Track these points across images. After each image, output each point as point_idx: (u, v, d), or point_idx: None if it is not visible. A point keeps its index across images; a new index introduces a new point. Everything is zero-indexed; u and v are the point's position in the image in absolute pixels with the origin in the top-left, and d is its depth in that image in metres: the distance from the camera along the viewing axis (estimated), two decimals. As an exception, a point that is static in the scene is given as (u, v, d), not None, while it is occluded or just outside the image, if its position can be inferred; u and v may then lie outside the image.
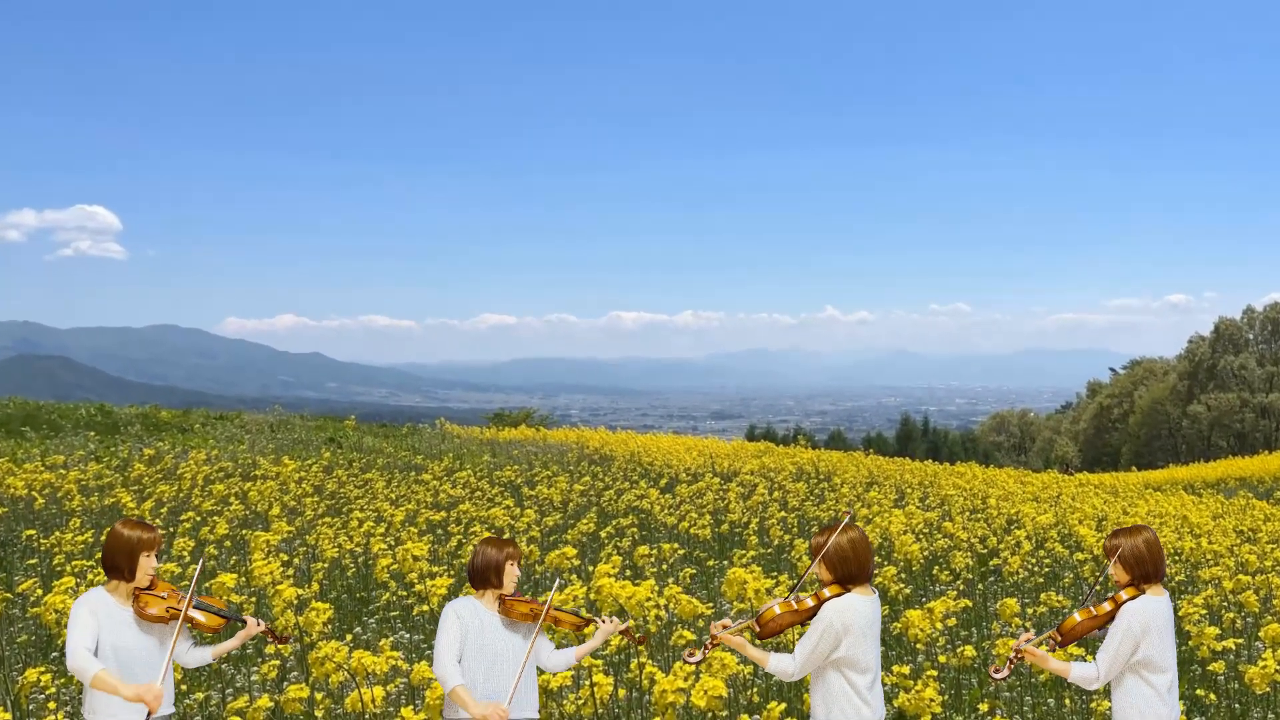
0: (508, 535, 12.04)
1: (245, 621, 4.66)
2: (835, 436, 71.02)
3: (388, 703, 5.76)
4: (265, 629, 4.69)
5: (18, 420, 25.46)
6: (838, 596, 4.24)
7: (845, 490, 19.23)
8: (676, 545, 10.50)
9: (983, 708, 7.33)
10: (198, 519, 12.42)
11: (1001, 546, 13.21)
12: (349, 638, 8.47)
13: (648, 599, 5.77)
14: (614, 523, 13.74)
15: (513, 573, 4.54)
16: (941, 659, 7.75)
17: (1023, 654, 4.45)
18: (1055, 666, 4.42)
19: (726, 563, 11.48)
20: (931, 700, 5.63)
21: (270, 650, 7.84)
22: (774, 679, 6.82)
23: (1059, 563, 13.14)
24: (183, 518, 12.20)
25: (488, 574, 4.50)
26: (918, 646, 7.75)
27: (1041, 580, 12.17)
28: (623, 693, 6.36)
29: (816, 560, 4.32)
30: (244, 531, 12.04)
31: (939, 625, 6.96)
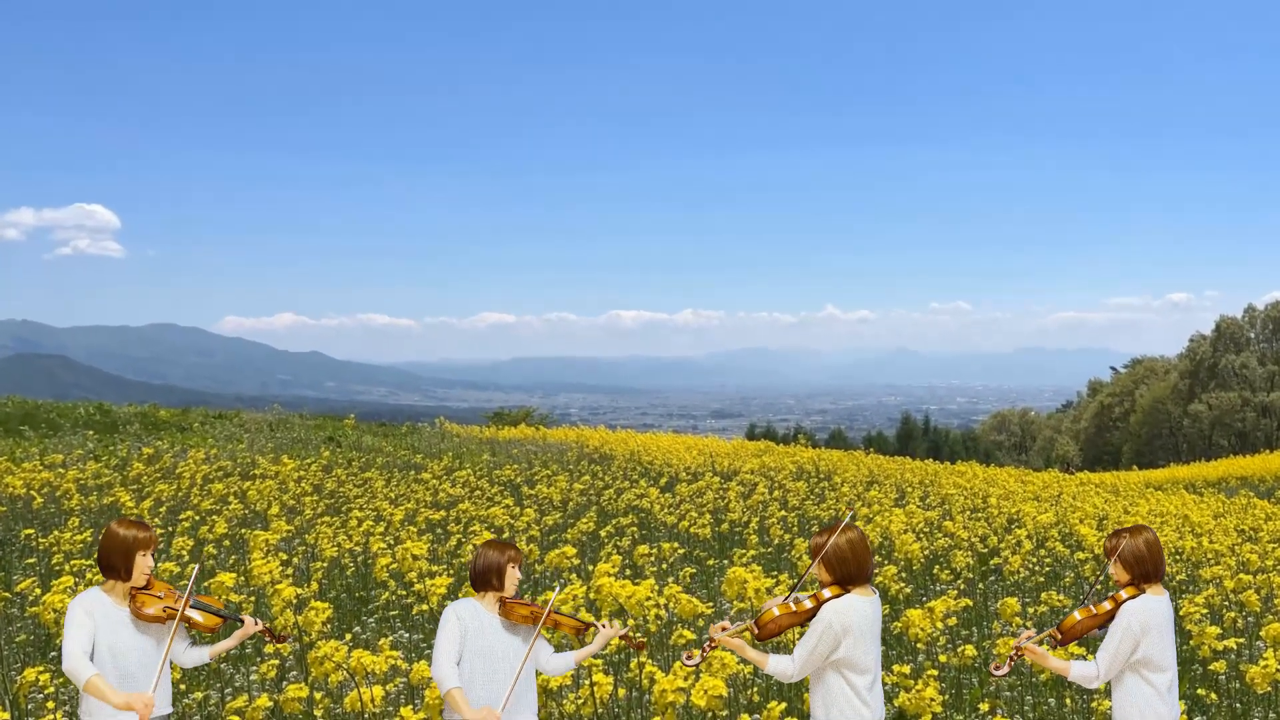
0: (507, 535, 12.03)
1: (243, 621, 4.64)
2: (836, 435, 71.02)
3: (387, 702, 5.75)
4: (263, 628, 4.67)
5: (16, 419, 25.43)
6: (837, 598, 4.21)
7: (846, 489, 19.21)
8: (676, 544, 10.49)
9: (983, 707, 7.32)
10: (196, 518, 12.40)
11: (1002, 546, 13.19)
12: (348, 637, 8.44)
13: (648, 598, 5.76)
14: (614, 522, 13.73)
15: (514, 575, 4.53)
16: (942, 658, 7.73)
17: (1023, 652, 4.44)
18: (1055, 665, 4.42)
19: (726, 562, 11.47)
20: (932, 700, 5.62)
21: (269, 650, 7.82)
22: (774, 679, 6.81)
23: (1060, 562, 13.13)
24: (181, 517, 12.18)
25: (489, 576, 4.50)
26: (918, 646, 7.74)
27: (1042, 579, 12.15)
28: (622, 692, 6.35)
29: (816, 561, 4.30)
30: (243, 531, 12.03)
31: (940, 624, 6.94)
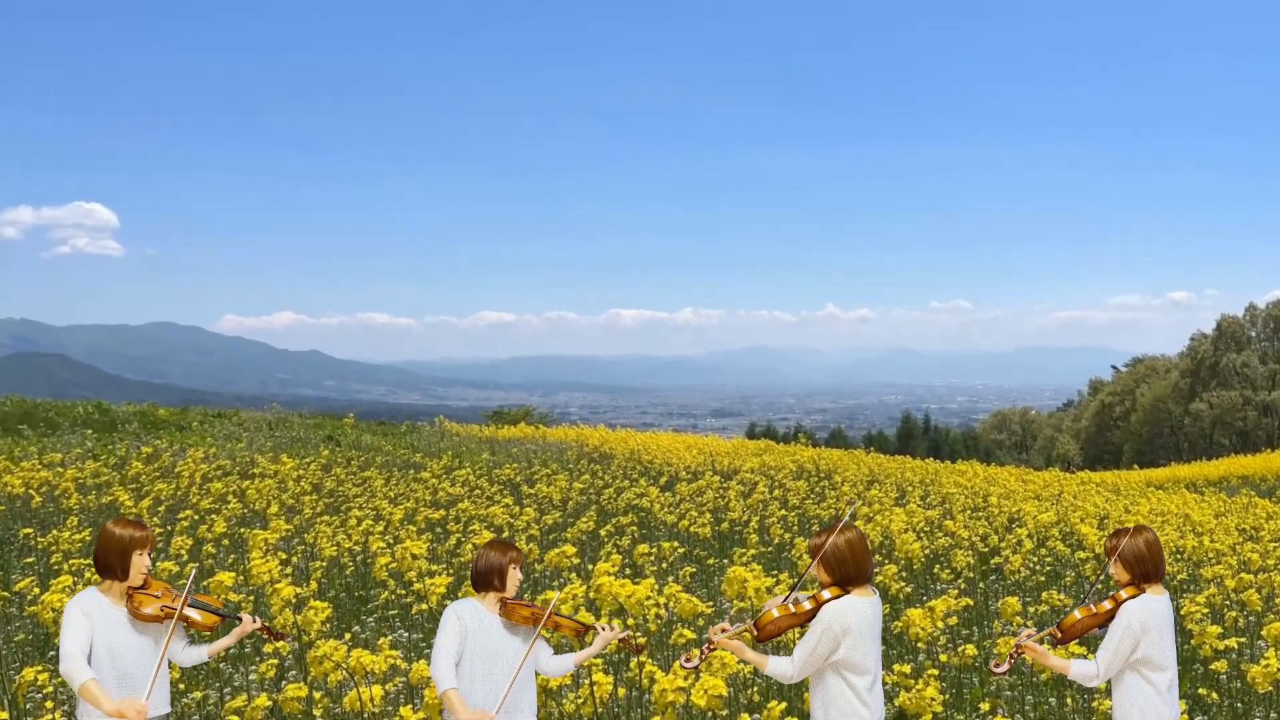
0: (507, 534, 12.02)
1: (241, 619, 4.63)
2: (836, 434, 71.05)
3: (386, 702, 5.73)
4: (261, 626, 4.66)
5: (15, 418, 25.41)
6: (837, 599, 4.19)
7: (846, 489, 19.19)
8: (676, 544, 10.47)
9: (984, 707, 7.30)
10: (196, 517, 12.38)
11: (1003, 545, 13.18)
12: (347, 636, 8.43)
13: (647, 597, 5.75)
14: (613, 521, 13.71)
15: (515, 576, 4.54)
16: (943, 658, 7.72)
17: (1023, 650, 4.43)
18: (1055, 663, 4.41)
19: (726, 561, 11.45)
20: (933, 699, 5.61)
21: (268, 649, 7.80)
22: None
23: (1061, 561, 13.11)
24: (180, 516, 12.17)
25: (490, 577, 4.51)
26: (919, 645, 7.72)
27: (1043, 579, 12.14)
28: (622, 692, 6.33)
29: (815, 562, 4.28)
30: (242, 530, 12.01)
31: (940, 624, 6.93)
